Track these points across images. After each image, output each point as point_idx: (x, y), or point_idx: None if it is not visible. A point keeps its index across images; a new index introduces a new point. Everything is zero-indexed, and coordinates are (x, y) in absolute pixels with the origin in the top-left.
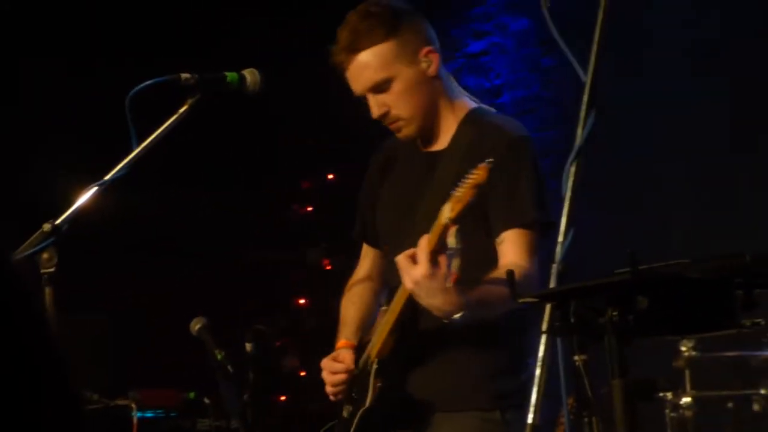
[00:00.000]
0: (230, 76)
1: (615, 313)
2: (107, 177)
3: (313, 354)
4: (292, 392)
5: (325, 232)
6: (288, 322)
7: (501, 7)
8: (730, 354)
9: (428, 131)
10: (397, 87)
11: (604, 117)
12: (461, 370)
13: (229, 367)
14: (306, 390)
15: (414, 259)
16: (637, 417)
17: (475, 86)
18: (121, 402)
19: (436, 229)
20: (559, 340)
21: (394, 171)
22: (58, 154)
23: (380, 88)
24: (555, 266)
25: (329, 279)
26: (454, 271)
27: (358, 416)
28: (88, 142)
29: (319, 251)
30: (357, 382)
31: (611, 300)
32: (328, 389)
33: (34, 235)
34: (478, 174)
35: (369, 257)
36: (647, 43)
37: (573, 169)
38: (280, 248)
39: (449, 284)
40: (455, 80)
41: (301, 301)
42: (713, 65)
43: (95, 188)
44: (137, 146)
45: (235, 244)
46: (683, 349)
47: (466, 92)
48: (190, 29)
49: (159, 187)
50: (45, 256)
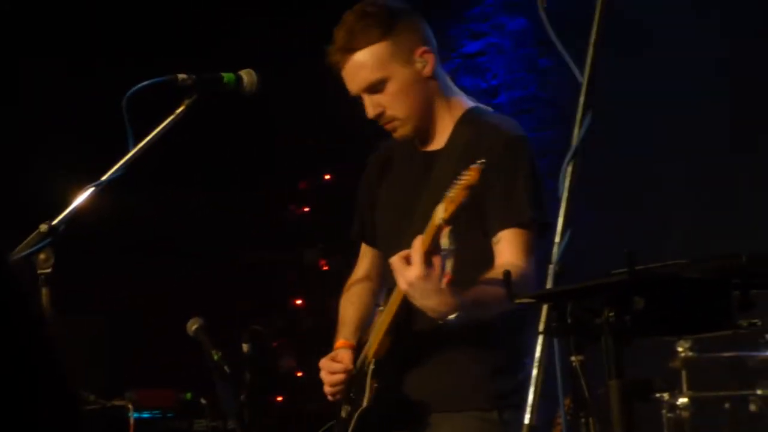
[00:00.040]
0: (227, 76)
1: (612, 314)
2: (104, 177)
3: (309, 354)
4: (288, 393)
5: (321, 233)
6: (285, 323)
7: (498, 7)
8: (727, 354)
9: (425, 131)
10: (392, 87)
11: (603, 117)
12: (458, 371)
13: (225, 367)
14: (303, 390)
15: (408, 261)
16: (633, 417)
17: (472, 86)
18: (117, 402)
19: (429, 230)
20: (555, 341)
21: (391, 171)
22: (55, 154)
23: (375, 88)
24: (552, 267)
25: (326, 279)
26: (447, 271)
27: (356, 417)
28: (85, 142)
29: (315, 252)
30: (355, 383)
31: (608, 300)
32: (327, 389)
33: (30, 236)
34: (471, 175)
35: (368, 257)
36: (647, 42)
37: (570, 169)
38: (276, 249)
39: (443, 285)
40: (452, 80)
41: (298, 302)
42: (713, 65)
43: (92, 189)
44: (134, 147)
45: (232, 245)
46: (680, 349)
47: (464, 92)
48: (188, 30)
49: (156, 188)
50: (42, 256)
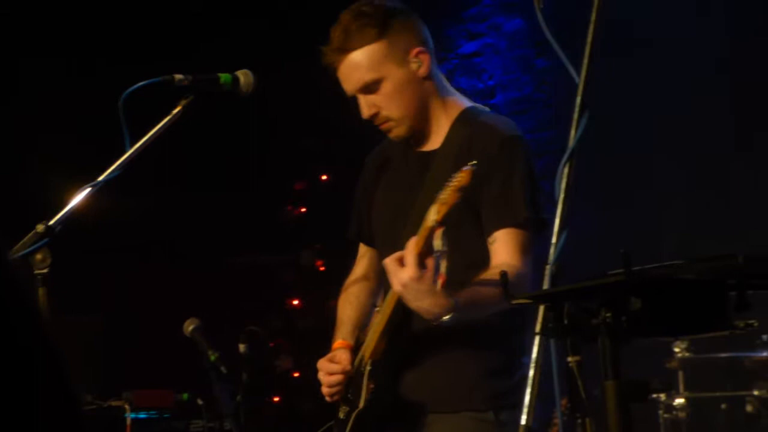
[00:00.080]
0: (224, 77)
1: (608, 315)
2: (101, 178)
3: (306, 355)
4: (285, 393)
5: (318, 234)
6: (281, 323)
7: (495, 8)
8: (723, 355)
9: (420, 131)
10: (386, 88)
11: (600, 117)
12: (454, 371)
13: (222, 368)
14: (299, 391)
15: (402, 262)
16: (630, 418)
17: (468, 87)
18: (114, 403)
19: (422, 232)
20: (552, 341)
21: (388, 171)
22: (53, 154)
23: (370, 88)
24: (548, 267)
25: (323, 280)
26: (442, 273)
27: (353, 418)
28: (83, 142)
29: (312, 252)
30: (352, 384)
31: (605, 301)
32: (324, 390)
33: (27, 236)
34: (462, 177)
35: (366, 257)
36: (644, 42)
37: (566, 170)
38: (273, 249)
39: (438, 287)
40: (449, 81)
41: (295, 302)
42: (712, 64)
43: (89, 189)
44: (131, 147)
45: (229, 245)
46: (677, 350)
47: (460, 93)
48: (185, 30)
49: (152, 188)
50: (38, 256)
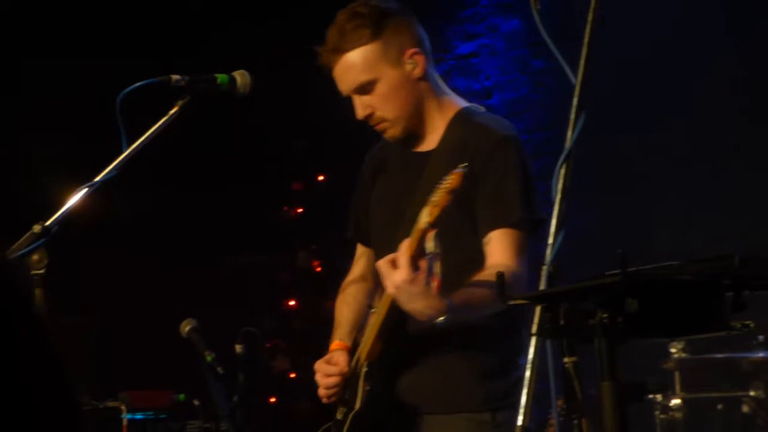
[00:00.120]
0: (221, 77)
1: (605, 315)
2: (97, 178)
3: (303, 355)
4: (282, 393)
5: (315, 234)
6: (278, 324)
7: (492, 8)
8: (719, 356)
9: (416, 132)
10: (381, 89)
11: (596, 117)
12: (450, 372)
13: (218, 368)
14: (296, 391)
15: (395, 264)
16: (626, 419)
17: (465, 88)
18: (110, 404)
19: (415, 234)
20: (549, 342)
21: (385, 171)
22: (49, 154)
23: (365, 89)
24: (545, 268)
25: (319, 281)
26: (436, 274)
27: (350, 418)
28: (79, 143)
29: (309, 253)
30: (349, 385)
31: (601, 302)
32: (321, 392)
33: (24, 237)
34: (453, 179)
35: (363, 258)
36: (640, 42)
37: (563, 171)
38: (270, 250)
39: (432, 289)
40: (444, 81)
41: (291, 303)
42: (705, 66)
43: (85, 189)
44: (127, 148)
45: (225, 246)
46: (673, 350)
47: (457, 93)
48: (182, 31)
49: (149, 189)
50: (35, 257)
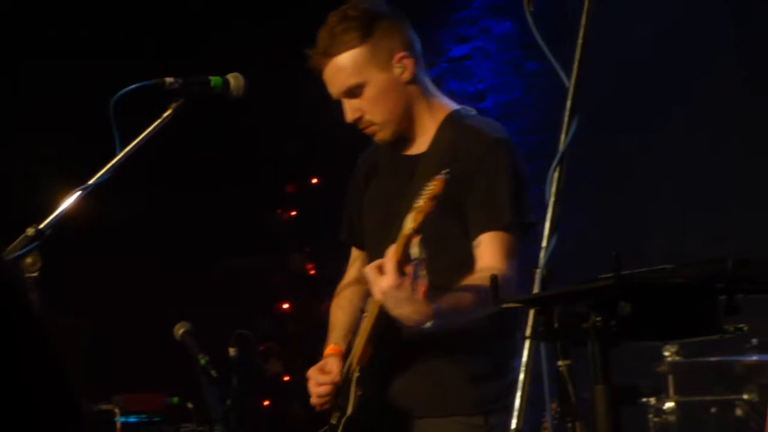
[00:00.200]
0: (214, 80)
1: (598, 319)
2: (91, 181)
3: (296, 359)
4: (275, 397)
5: (308, 237)
6: (271, 327)
7: (485, 11)
8: (713, 359)
9: (406, 135)
10: (369, 92)
11: (594, 117)
12: (440, 377)
13: (212, 371)
14: (289, 395)
15: (381, 270)
16: (620, 422)
17: (458, 90)
18: (104, 407)
19: (400, 240)
20: (542, 345)
21: (377, 175)
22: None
23: (353, 92)
24: (538, 271)
25: (313, 284)
26: (422, 281)
27: (342, 424)
28: (74, 144)
29: (302, 256)
30: (342, 390)
31: (595, 305)
32: (313, 400)
33: (18, 239)
34: (434, 186)
35: (358, 261)
36: (639, 42)
37: (556, 174)
38: (263, 253)
39: (419, 295)
40: (437, 84)
41: (285, 306)
42: (705, 66)
43: (79, 192)
44: (121, 150)
45: (219, 249)
46: (666, 354)
47: (450, 96)
48: (182, 31)
49: (142, 191)
50: (29, 260)
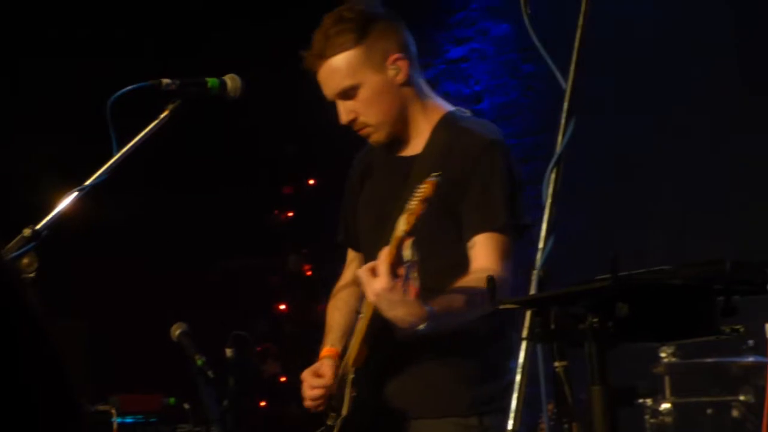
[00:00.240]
0: (211, 81)
1: (595, 320)
2: (88, 182)
3: (293, 360)
4: (272, 398)
5: (305, 238)
6: (268, 328)
7: (482, 13)
8: (709, 360)
9: (401, 137)
10: (363, 94)
11: (593, 118)
12: (433, 379)
13: (209, 372)
14: (286, 395)
15: (374, 272)
16: (616, 423)
17: (455, 92)
18: (100, 407)
19: (393, 242)
20: (539, 346)
21: (372, 176)
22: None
23: (348, 94)
24: (535, 272)
25: (310, 285)
26: (413, 280)
27: (337, 425)
28: (71, 145)
29: (299, 257)
30: (337, 391)
31: (591, 306)
32: (306, 403)
33: (14, 240)
34: (425, 188)
35: (354, 262)
36: (639, 42)
37: (553, 175)
38: (260, 254)
39: (410, 297)
40: (432, 86)
41: (282, 307)
42: (705, 66)
43: (76, 193)
44: (118, 151)
45: (216, 249)
46: (663, 355)
47: (443, 98)
48: (182, 31)
49: (139, 192)
50: (25, 261)
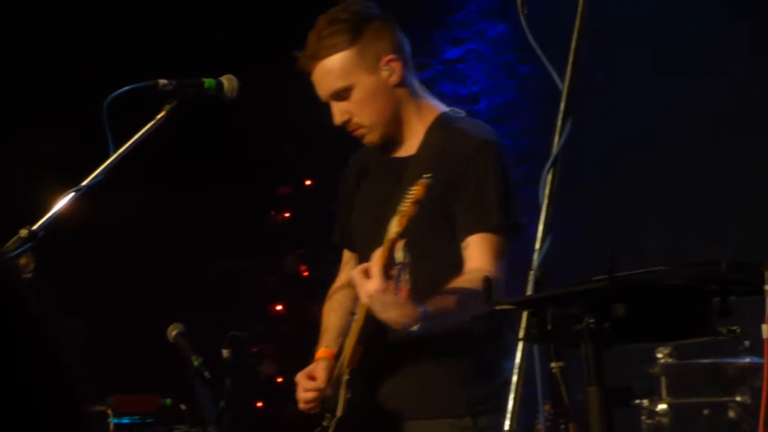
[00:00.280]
0: (208, 82)
1: (592, 321)
2: (85, 183)
3: (290, 360)
4: (268, 398)
5: (302, 239)
6: (265, 329)
7: (480, 14)
8: (706, 361)
9: (395, 138)
10: (357, 95)
11: (593, 118)
12: (427, 379)
13: (205, 373)
14: (282, 396)
15: (367, 274)
16: (613, 424)
17: (452, 93)
18: (97, 408)
19: (386, 244)
20: (535, 347)
21: (368, 177)
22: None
23: (341, 95)
24: (532, 273)
25: (306, 285)
26: (403, 284)
27: (332, 426)
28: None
29: (296, 258)
30: (332, 392)
31: (588, 307)
32: (300, 406)
33: (10, 241)
34: (417, 190)
35: (350, 264)
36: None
37: (550, 176)
38: (257, 254)
39: (400, 299)
40: (429, 87)
41: (278, 308)
42: (705, 66)
43: (72, 194)
44: (114, 152)
45: (213, 250)
46: (659, 356)
47: (438, 99)
48: (182, 31)
49: (136, 192)
50: (22, 261)
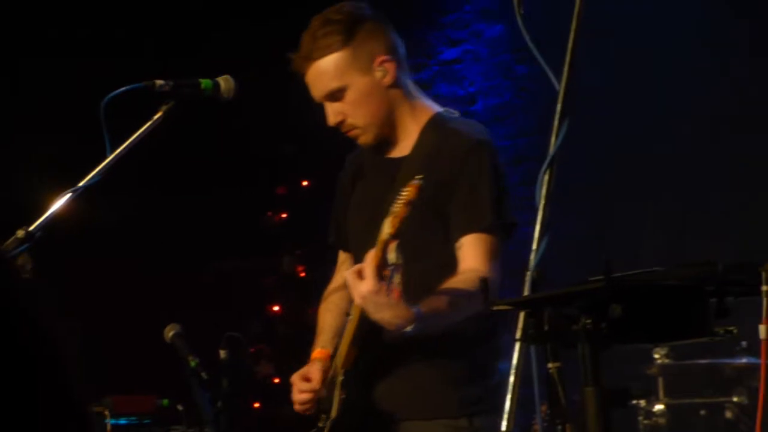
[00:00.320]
0: (205, 82)
1: (589, 321)
2: (81, 183)
3: (287, 361)
4: (265, 399)
5: (299, 240)
6: (262, 329)
7: (476, 14)
8: (703, 362)
9: (389, 138)
10: (351, 96)
11: (593, 118)
12: (420, 380)
13: (202, 373)
14: (280, 397)
15: (361, 275)
16: (610, 424)
17: (449, 94)
18: (94, 409)
19: (379, 245)
20: (532, 348)
21: (362, 178)
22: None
23: (335, 96)
24: (529, 273)
25: (303, 286)
26: (395, 286)
27: (327, 427)
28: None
29: (293, 258)
30: (327, 393)
31: (585, 308)
32: (296, 407)
33: (8, 241)
34: (409, 191)
35: (345, 264)
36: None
37: (546, 177)
38: (254, 255)
39: (392, 300)
40: (426, 87)
41: (276, 308)
42: (705, 66)
43: (69, 194)
44: (111, 152)
45: (209, 251)
46: (656, 356)
47: (435, 100)
48: (182, 31)
49: (133, 193)
50: (19, 262)
